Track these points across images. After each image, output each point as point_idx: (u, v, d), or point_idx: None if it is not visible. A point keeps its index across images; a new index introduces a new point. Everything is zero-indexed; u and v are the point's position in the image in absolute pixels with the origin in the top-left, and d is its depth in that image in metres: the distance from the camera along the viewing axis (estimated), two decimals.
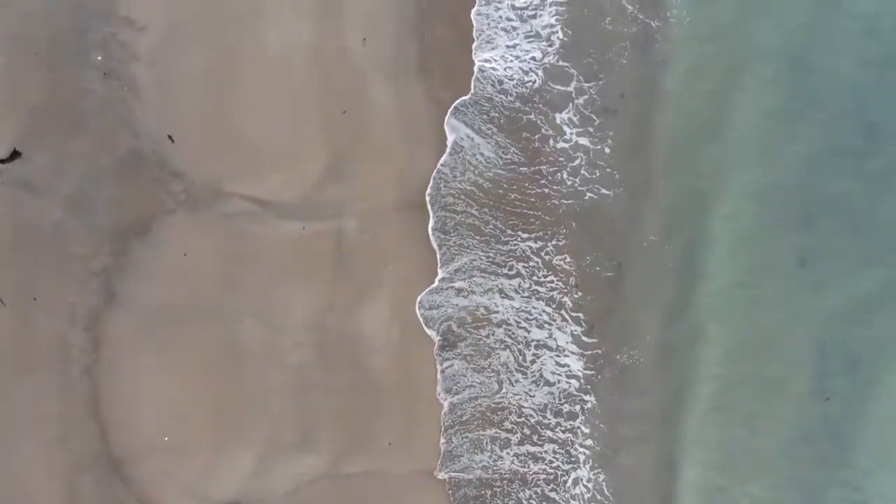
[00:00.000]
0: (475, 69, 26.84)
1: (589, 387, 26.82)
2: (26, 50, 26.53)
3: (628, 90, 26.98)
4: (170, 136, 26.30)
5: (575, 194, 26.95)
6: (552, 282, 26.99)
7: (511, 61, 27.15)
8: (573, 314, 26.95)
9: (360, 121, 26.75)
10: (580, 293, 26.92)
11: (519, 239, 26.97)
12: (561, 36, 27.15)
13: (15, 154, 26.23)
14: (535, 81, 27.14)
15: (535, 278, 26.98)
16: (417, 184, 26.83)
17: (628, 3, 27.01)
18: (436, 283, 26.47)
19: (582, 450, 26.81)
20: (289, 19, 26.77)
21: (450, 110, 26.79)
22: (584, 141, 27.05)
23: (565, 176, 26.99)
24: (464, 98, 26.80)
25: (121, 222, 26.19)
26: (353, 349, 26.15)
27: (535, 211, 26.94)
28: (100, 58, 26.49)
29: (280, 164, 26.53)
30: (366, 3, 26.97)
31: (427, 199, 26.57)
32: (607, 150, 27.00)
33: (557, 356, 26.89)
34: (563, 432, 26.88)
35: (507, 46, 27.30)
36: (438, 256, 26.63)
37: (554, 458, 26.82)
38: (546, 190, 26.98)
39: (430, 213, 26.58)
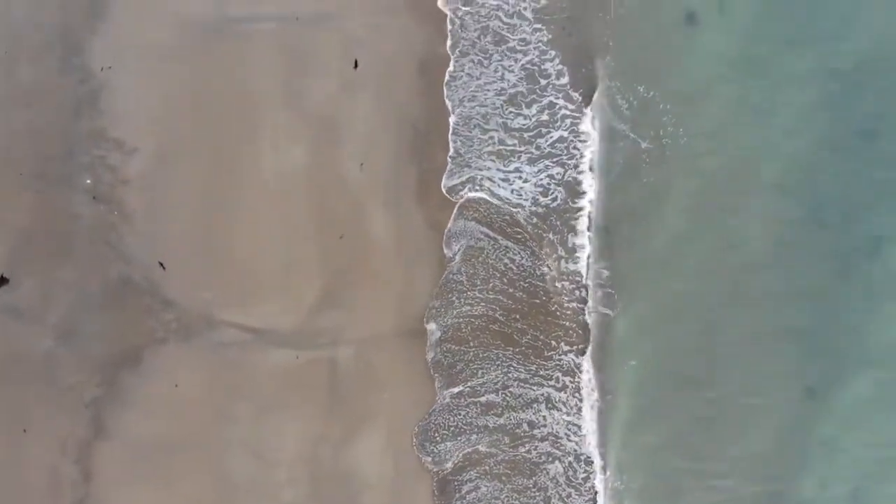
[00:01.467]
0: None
1: None
2: (12, 171, 25.85)
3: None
4: (161, 263, 25.67)
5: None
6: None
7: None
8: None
9: (357, 246, 26.08)
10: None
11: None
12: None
13: (2, 280, 25.65)
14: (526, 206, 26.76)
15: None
16: (415, 309, 26.21)
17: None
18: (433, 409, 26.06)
19: None
20: (284, 143, 26.03)
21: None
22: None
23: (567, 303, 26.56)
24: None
25: (111, 352, 25.62)
26: (347, 485, 25.65)
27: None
28: (88, 181, 25.81)
29: (274, 291, 25.90)
30: (363, 127, 26.24)
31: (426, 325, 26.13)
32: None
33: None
34: None
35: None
36: (436, 384, 26.14)
37: None
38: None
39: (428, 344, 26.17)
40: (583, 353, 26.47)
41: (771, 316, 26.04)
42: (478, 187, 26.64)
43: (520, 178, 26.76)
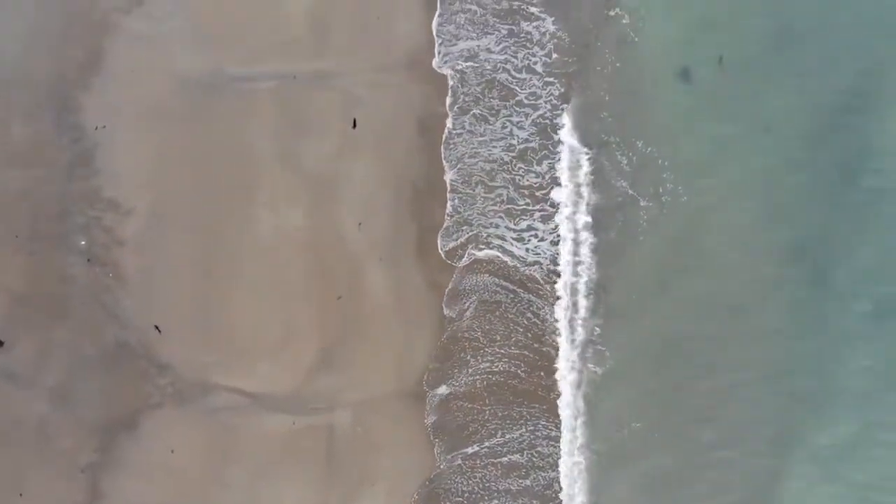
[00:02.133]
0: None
1: None
2: (6, 233, 25.48)
3: None
4: (156, 327, 25.32)
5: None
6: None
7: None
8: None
9: (355, 307, 25.70)
10: None
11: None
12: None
13: None
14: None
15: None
16: (414, 372, 25.84)
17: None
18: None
19: None
20: (282, 203, 25.65)
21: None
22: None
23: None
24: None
25: (107, 416, 25.29)
26: None
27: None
28: (83, 242, 25.45)
29: (270, 354, 25.52)
30: (361, 186, 25.86)
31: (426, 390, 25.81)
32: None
33: None
34: None
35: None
36: (436, 449, 25.80)
37: None
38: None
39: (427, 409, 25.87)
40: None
41: (768, 384, 25.77)
42: (482, 245, 26.30)
43: (535, 236, 26.42)
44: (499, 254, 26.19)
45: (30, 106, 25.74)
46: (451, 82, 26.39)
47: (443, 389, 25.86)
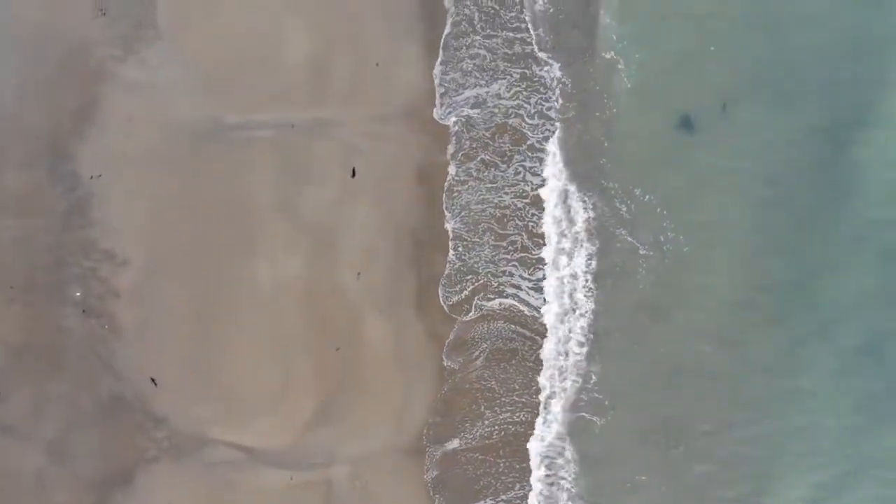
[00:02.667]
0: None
1: None
2: (1, 283, 25.15)
3: None
4: (153, 379, 24.97)
5: None
6: None
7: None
8: None
9: (353, 359, 25.28)
10: None
11: None
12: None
13: None
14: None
15: None
16: (414, 426, 25.43)
17: None
18: None
19: None
20: (280, 254, 25.24)
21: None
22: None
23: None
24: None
25: (103, 470, 24.97)
26: None
27: None
28: (79, 294, 25.11)
29: (268, 408, 25.14)
30: (361, 236, 25.43)
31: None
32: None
33: None
34: None
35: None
36: None
37: None
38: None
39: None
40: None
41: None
42: (493, 295, 25.81)
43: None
44: (511, 301, 25.85)
45: (24, 154, 25.36)
46: (454, 129, 25.95)
47: (443, 444, 25.44)
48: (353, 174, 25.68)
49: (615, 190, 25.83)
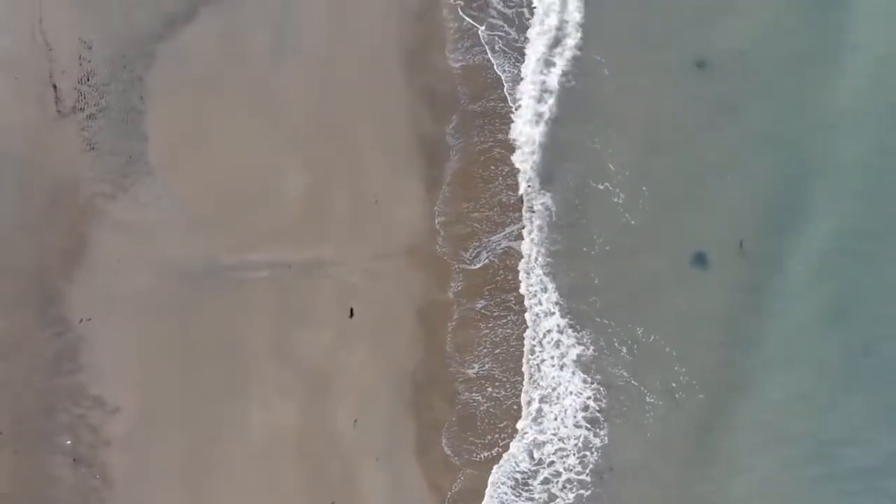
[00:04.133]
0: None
1: None
2: None
3: None
4: None
5: None
6: None
7: None
8: None
9: None
10: None
11: None
12: None
13: None
14: None
15: None
16: None
17: None
18: None
19: None
20: (274, 400, 24.46)
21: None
22: None
23: None
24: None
25: None
26: None
27: None
28: (69, 442, 24.31)
29: None
30: (358, 380, 24.64)
31: None
32: None
33: None
34: None
35: None
36: None
37: None
38: None
39: None
40: None
41: None
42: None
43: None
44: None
45: (11, 296, 24.54)
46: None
47: None
48: (351, 314, 24.86)
49: (614, 330, 25.16)
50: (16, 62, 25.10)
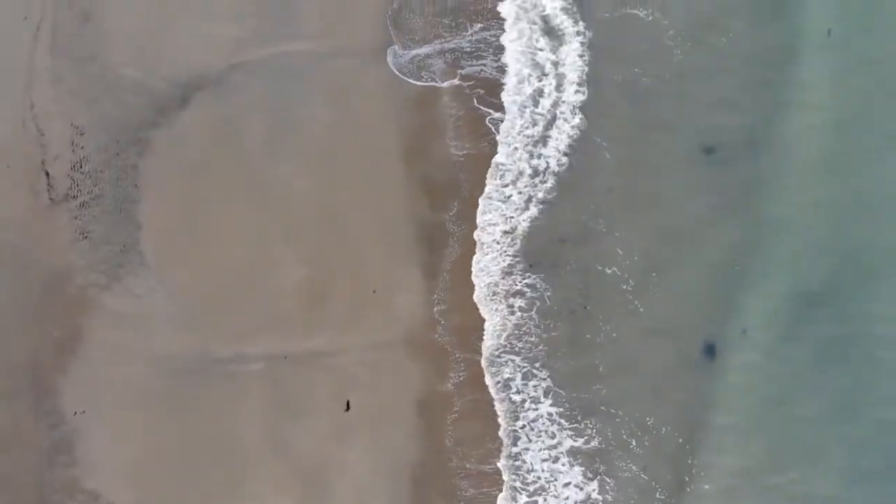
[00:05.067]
0: None
1: None
2: None
3: None
4: None
5: None
6: None
7: None
8: None
9: None
10: None
11: None
12: None
13: None
14: None
15: None
16: None
17: None
18: None
19: None
20: (268, 496, 23.87)
21: None
22: None
23: None
24: None
25: None
26: None
27: None
28: None
29: None
30: (356, 476, 23.98)
31: None
32: None
33: None
34: None
35: None
36: None
37: None
38: None
39: None
40: None
41: None
42: None
43: None
44: None
45: (5, 387, 24.24)
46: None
47: None
48: (348, 408, 24.25)
49: (622, 420, 24.41)
50: (7, 149, 24.76)
